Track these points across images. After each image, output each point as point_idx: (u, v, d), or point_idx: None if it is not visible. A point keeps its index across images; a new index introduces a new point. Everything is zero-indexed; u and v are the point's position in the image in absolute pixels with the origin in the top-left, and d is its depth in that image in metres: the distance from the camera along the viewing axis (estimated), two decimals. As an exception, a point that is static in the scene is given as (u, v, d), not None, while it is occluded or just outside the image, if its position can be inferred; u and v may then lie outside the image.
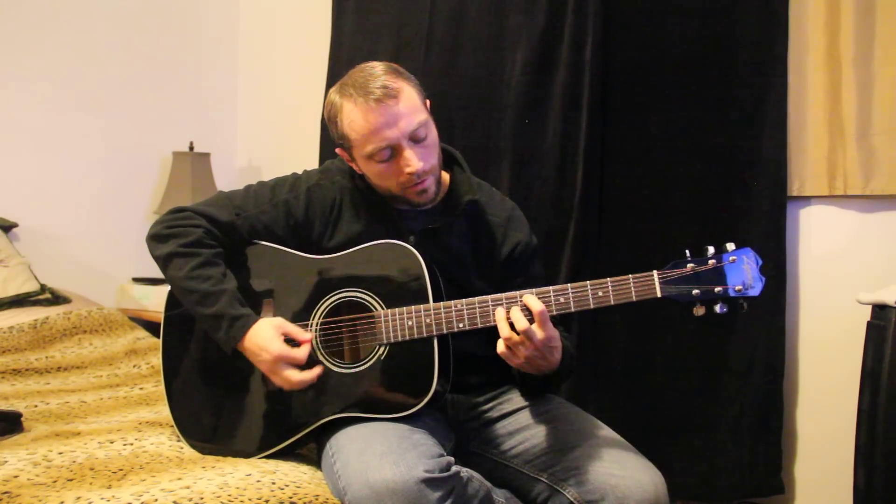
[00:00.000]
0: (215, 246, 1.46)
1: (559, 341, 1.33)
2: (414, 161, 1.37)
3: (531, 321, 1.27)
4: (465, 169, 1.53)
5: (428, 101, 1.45)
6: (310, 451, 1.47)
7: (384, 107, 1.34)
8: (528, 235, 1.56)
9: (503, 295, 1.31)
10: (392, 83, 1.36)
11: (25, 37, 2.76)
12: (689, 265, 1.25)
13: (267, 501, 1.17)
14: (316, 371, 1.36)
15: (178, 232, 1.44)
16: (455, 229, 1.50)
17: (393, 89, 1.35)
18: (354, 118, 1.37)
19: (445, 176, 1.53)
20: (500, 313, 1.29)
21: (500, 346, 1.29)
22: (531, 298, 1.28)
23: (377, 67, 1.39)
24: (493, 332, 1.31)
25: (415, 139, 1.38)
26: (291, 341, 1.38)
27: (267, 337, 1.35)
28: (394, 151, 1.37)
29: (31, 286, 2.47)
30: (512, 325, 1.28)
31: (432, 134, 1.42)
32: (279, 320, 1.39)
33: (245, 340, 1.37)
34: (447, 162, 1.54)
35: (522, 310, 1.28)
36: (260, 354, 1.36)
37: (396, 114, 1.35)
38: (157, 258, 1.45)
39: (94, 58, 2.93)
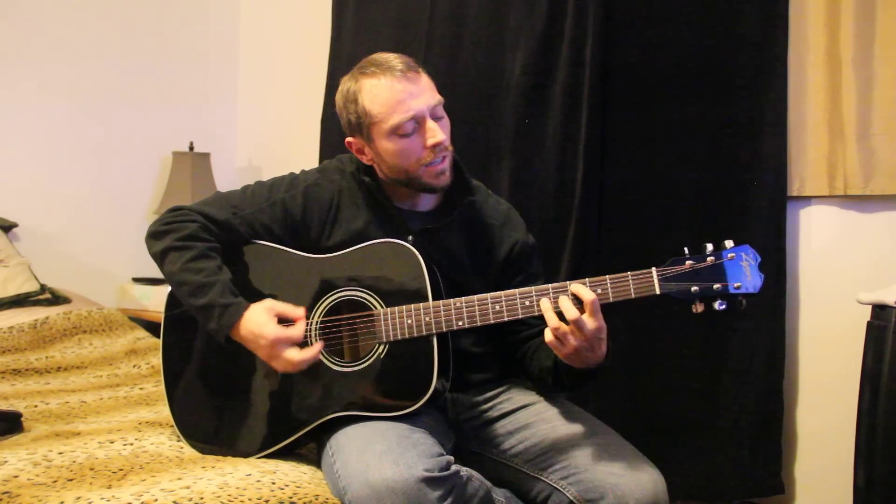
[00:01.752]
0: (211, 240, 1.45)
1: (606, 333, 1.30)
2: (438, 132, 1.39)
3: (581, 311, 1.25)
4: (462, 170, 1.53)
5: None
6: (310, 451, 1.47)
7: (409, 79, 1.39)
8: (524, 234, 1.57)
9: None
10: (413, 63, 1.42)
11: (26, 37, 2.76)
12: (688, 262, 1.25)
13: (267, 501, 1.17)
14: (316, 347, 1.35)
15: (174, 228, 1.44)
16: (453, 230, 1.50)
17: (415, 66, 1.42)
18: (378, 91, 1.39)
19: None
20: (545, 303, 1.28)
21: (548, 336, 1.27)
22: (582, 288, 1.26)
23: (390, 53, 1.44)
24: (492, 331, 1.31)
25: (434, 116, 1.40)
26: (286, 321, 1.37)
27: (261, 321, 1.33)
28: (417, 125, 1.39)
29: (31, 286, 2.48)
30: (560, 315, 1.26)
31: (447, 118, 1.45)
32: (270, 302, 1.37)
33: (239, 328, 1.35)
34: None
35: (571, 299, 1.27)
36: (256, 340, 1.34)
37: (422, 87, 1.40)
38: (153, 255, 1.46)
39: (95, 58, 2.94)
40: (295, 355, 1.33)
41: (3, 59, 2.72)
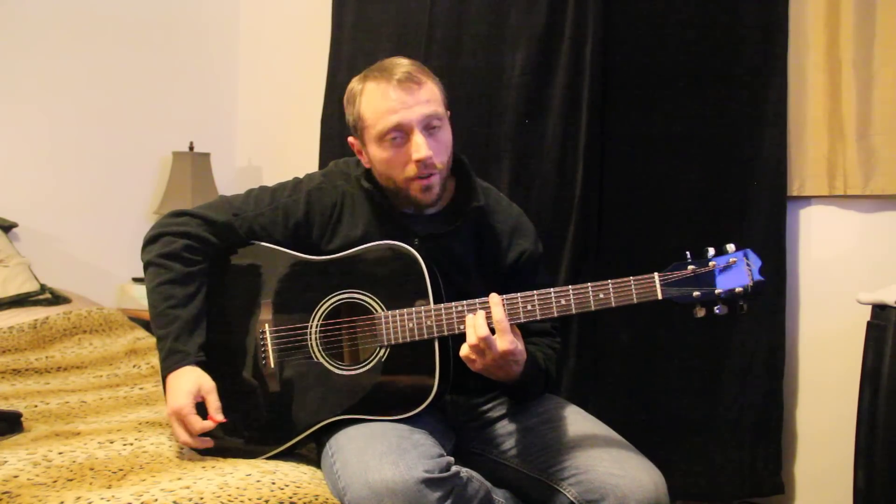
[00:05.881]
0: (194, 262, 1.44)
1: (522, 356, 1.31)
2: (423, 147, 1.36)
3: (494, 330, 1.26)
4: (472, 175, 1.52)
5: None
6: (310, 451, 1.47)
7: (405, 88, 1.37)
8: (533, 243, 1.55)
9: (477, 301, 1.31)
10: (417, 73, 1.39)
11: (26, 37, 2.76)
12: (690, 267, 1.25)
13: (267, 501, 1.17)
14: (200, 442, 1.34)
15: (163, 241, 1.44)
16: (460, 235, 1.48)
17: (417, 77, 1.38)
18: (373, 97, 1.38)
19: (451, 181, 1.52)
20: (469, 319, 1.29)
21: (464, 350, 1.28)
22: (496, 308, 1.27)
23: (404, 59, 1.43)
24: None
25: (428, 128, 1.38)
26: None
27: (182, 389, 1.33)
28: (405, 136, 1.37)
29: (31, 286, 2.47)
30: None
31: (447, 132, 1.43)
32: (211, 385, 1.36)
33: (170, 377, 1.37)
34: (454, 168, 1.53)
35: (488, 316, 1.28)
36: (168, 398, 1.36)
37: (416, 98, 1.37)
38: (142, 262, 1.47)
39: (95, 58, 2.93)
40: (181, 435, 1.33)
41: (3, 60, 2.72)
